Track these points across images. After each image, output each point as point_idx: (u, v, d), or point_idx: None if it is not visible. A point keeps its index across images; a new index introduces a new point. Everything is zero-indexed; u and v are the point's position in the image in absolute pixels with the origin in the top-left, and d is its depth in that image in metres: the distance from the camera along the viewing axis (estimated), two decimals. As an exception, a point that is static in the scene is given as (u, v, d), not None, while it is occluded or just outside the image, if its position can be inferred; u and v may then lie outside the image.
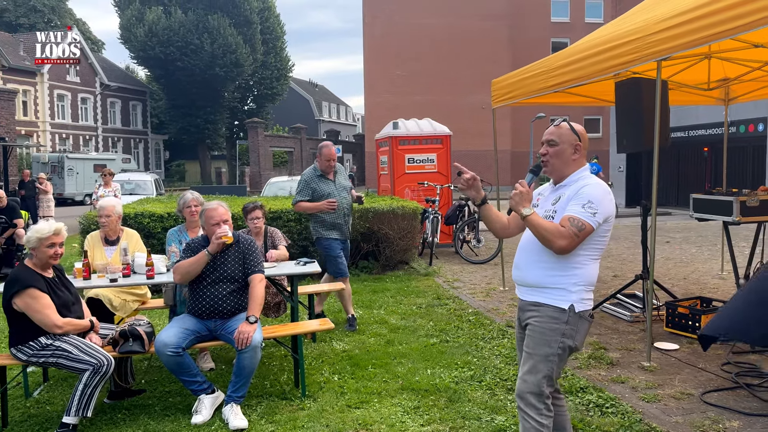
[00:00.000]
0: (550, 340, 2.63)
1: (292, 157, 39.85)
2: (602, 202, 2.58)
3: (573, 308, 2.62)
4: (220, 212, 4.08)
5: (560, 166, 2.73)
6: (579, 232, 2.54)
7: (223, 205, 4.17)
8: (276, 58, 45.92)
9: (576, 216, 2.55)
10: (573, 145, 2.71)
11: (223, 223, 4.05)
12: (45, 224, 3.84)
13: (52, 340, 3.68)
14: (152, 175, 22.93)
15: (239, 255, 4.13)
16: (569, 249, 2.56)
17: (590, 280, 2.67)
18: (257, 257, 4.19)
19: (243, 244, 4.18)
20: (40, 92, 39.30)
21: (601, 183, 2.66)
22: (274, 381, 4.53)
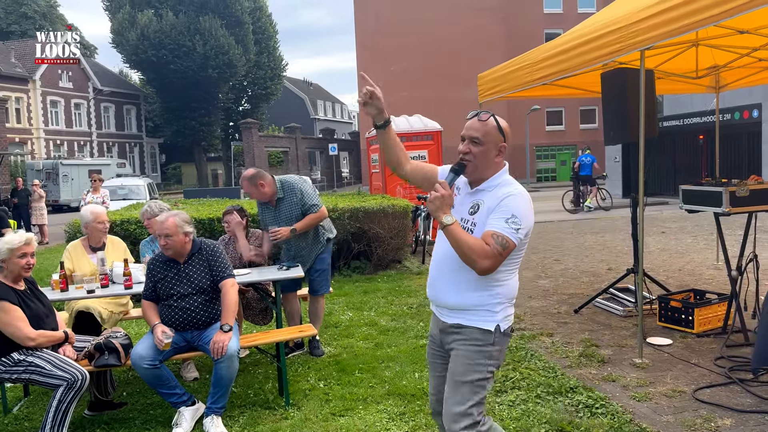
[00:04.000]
0: (478, 364, 2.41)
1: (288, 157, 39.74)
2: (525, 216, 2.33)
3: (498, 328, 2.42)
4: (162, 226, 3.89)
5: (482, 169, 2.44)
6: (503, 251, 2.28)
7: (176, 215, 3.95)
8: (269, 58, 45.79)
9: (499, 233, 2.28)
10: (497, 146, 2.44)
11: (167, 240, 3.88)
12: (15, 235, 3.74)
13: (25, 356, 3.59)
14: (145, 180, 22.82)
15: (204, 264, 4.01)
16: (493, 269, 2.30)
17: (513, 294, 2.48)
18: (224, 262, 4.05)
19: (206, 251, 4.04)
20: (32, 99, 39.17)
21: (524, 192, 2.40)
22: (258, 390, 4.43)
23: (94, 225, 4.90)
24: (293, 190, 5.00)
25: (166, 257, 4.00)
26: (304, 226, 4.98)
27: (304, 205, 4.97)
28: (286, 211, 5.01)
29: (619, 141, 5.56)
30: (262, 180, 4.96)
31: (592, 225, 13.87)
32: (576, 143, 38.06)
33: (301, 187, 5.02)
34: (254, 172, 5.04)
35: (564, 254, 9.82)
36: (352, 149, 47.36)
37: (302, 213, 5.00)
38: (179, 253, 3.96)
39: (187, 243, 3.97)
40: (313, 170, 42.33)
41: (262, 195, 4.98)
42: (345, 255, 8.55)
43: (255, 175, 4.98)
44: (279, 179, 5.07)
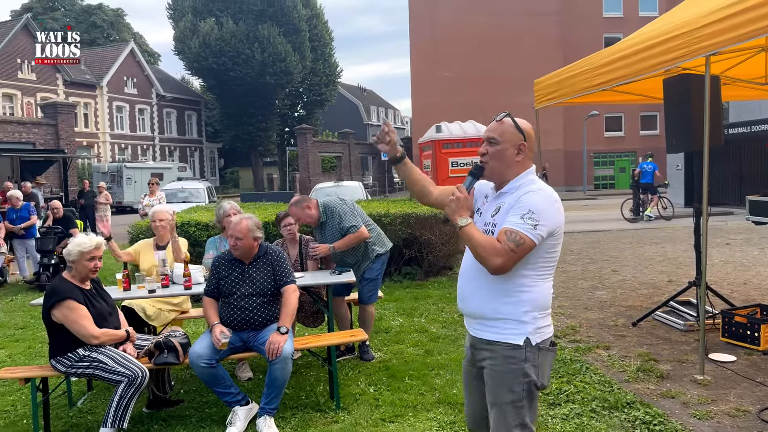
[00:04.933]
0: (512, 383, 2.26)
1: (341, 162, 40.14)
2: (546, 212, 2.20)
3: (529, 341, 2.25)
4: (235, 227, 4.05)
5: (501, 169, 2.35)
6: (516, 248, 2.15)
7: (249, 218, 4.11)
8: (324, 65, 46.42)
9: (513, 229, 2.18)
10: (516, 145, 2.32)
11: (237, 241, 4.02)
12: (86, 238, 3.92)
13: (89, 352, 3.75)
14: (205, 183, 23.48)
15: (268, 267, 4.12)
16: (506, 268, 2.18)
17: (543, 304, 2.29)
18: (287, 268, 4.17)
19: (271, 255, 4.16)
20: (99, 104, 40.99)
21: (546, 189, 2.28)
22: (310, 392, 4.49)
23: (154, 224, 5.14)
24: (333, 214, 5.13)
25: (232, 256, 4.13)
26: (342, 244, 5.07)
27: (343, 228, 5.08)
28: (329, 234, 5.15)
29: (681, 149, 5.38)
30: (308, 203, 5.14)
31: (653, 235, 13.43)
32: (636, 150, 36.98)
33: (340, 211, 5.14)
34: (299, 197, 5.26)
35: (622, 265, 9.54)
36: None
37: (342, 235, 5.10)
38: (246, 254, 4.10)
39: (255, 247, 4.11)
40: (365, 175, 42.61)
41: (309, 218, 5.13)
42: (396, 261, 8.56)
43: (300, 200, 5.17)
44: (321, 203, 5.21)
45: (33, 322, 7.16)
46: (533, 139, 2.38)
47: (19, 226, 10.02)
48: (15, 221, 10.06)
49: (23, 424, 4.14)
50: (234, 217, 4.24)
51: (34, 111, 34.30)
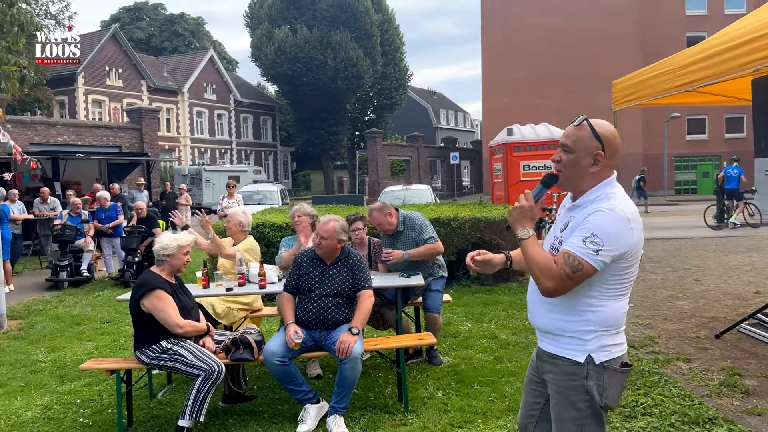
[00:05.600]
0: (574, 400, 2.14)
1: (410, 165, 40.22)
2: (613, 236, 2.01)
3: (591, 359, 2.11)
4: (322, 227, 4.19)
5: (574, 180, 2.17)
6: (572, 274, 2.01)
7: (337, 221, 4.23)
8: (395, 69, 46.69)
9: (573, 252, 2.03)
10: (592, 153, 2.13)
11: (321, 240, 4.15)
12: (179, 234, 4.15)
13: (171, 345, 3.93)
14: (278, 186, 24.13)
15: (348, 270, 4.21)
16: (558, 292, 2.05)
17: (611, 322, 2.13)
18: (365, 273, 4.27)
19: (352, 259, 4.26)
20: (181, 110, 42.93)
21: (619, 208, 2.05)
22: (378, 394, 4.53)
23: (226, 226, 5.34)
24: (414, 225, 5.26)
25: (315, 255, 4.24)
26: (417, 254, 5.14)
27: (421, 240, 5.18)
28: (402, 243, 5.25)
29: (772, 153, 5.07)
30: (390, 211, 5.30)
31: (738, 243, 12.70)
32: (720, 154, 35.08)
33: (421, 222, 5.28)
34: (380, 204, 5.42)
35: (705, 274, 9.08)
36: (474, 158, 47.00)
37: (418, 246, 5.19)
38: (329, 255, 4.23)
39: (338, 249, 4.24)
40: (434, 179, 42.49)
41: (388, 225, 5.25)
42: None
43: (383, 206, 5.34)
44: (402, 214, 5.35)
45: (118, 316, 7.57)
46: (614, 145, 2.17)
47: (107, 225, 10.62)
48: (103, 221, 10.68)
49: (108, 413, 4.39)
50: (324, 217, 4.37)
51: (120, 116, 36.33)
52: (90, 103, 37.07)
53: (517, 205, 2.16)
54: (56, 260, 10.22)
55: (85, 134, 20.56)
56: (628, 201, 2.13)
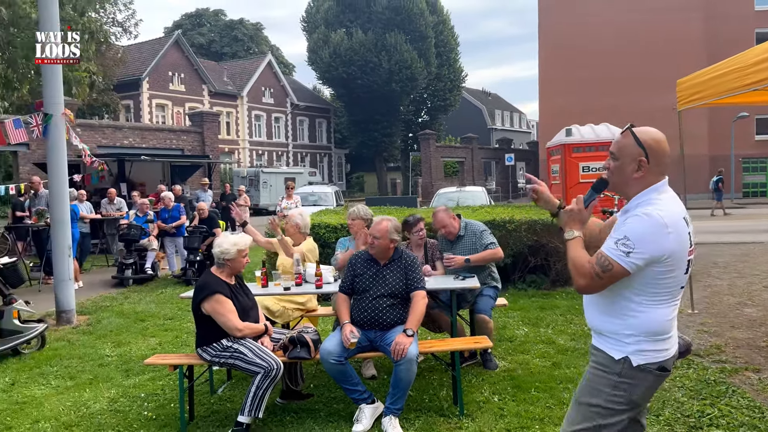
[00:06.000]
0: (599, 390, 2.25)
1: (463, 167, 39.93)
2: (645, 239, 2.10)
3: (628, 361, 2.20)
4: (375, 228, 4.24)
5: (621, 186, 2.30)
6: (602, 273, 2.13)
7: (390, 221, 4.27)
8: (449, 70, 46.48)
9: (604, 253, 2.15)
10: (636, 159, 2.22)
11: (374, 240, 4.20)
12: (238, 237, 4.26)
13: (231, 343, 4.04)
14: (333, 187, 24.42)
15: (401, 271, 4.23)
16: (589, 290, 2.20)
17: (653, 329, 2.19)
18: (419, 273, 4.27)
19: (405, 260, 4.28)
20: (240, 113, 44.03)
21: (656, 213, 2.13)
22: (433, 396, 4.51)
23: (285, 227, 5.44)
24: (474, 231, 5.32)
25: (369, 256, 4.29)
26: (479, 258, 5.17)
27: (482, 245, 5.22)
28: (460, 248, 5.29)
29: None
30: (453, 215, 5.41)
31: (813, 249, 12.01)
32: (793, 155, 33.28)
33: (482, 228, 5.36)
34: (445, 207, 5.52)
35: (776, 281, 8.64)
36: (530, 159, 46.20)
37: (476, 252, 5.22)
38: (382, 255, 4.26)
39: (391, 249, 4.26)
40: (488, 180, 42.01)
41: (452, 227, 5.31)
42: (521, 268, 8.37)
43: (447, 209, 5.45)
44: (463, 220, 5.43)
45: (180, 313, 7.82)
46: (658, 151, 2.23)
47: (171, 225, 11.00)
48: (167, 221, 11.07)
49: (171, 407, 4.54)
50: (377, 217, 4.40)
51: (182, 120, 37.57)
52: (154, 107, 38.49)
53: (567, 208, 2.32)
54: (122, 258, 10.66)
55: (149, 137, 21.37)
56: (672, 207, 2.19)
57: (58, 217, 7.74)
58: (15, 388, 5.17)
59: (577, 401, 2.34)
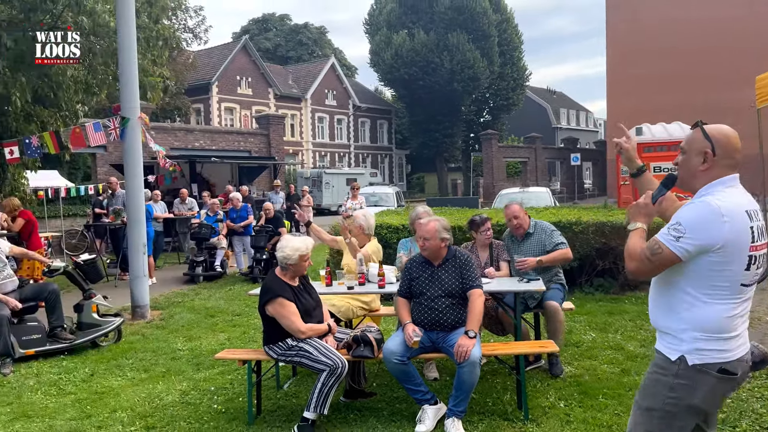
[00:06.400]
0: (655, 392, 2.23)
1: (526, 167, 39.24)
2: (697, 226, 2.09)
3: (684, 360, 2.16)
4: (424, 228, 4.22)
5: (687, 179, 2.29)
6: (652, 256, 2.15)
7: (437, 220, 4.27)
8: (513, 69, 45.78)
9: (657, 238, 2.16)
10: (701, 152, 2.22)
11: (425, 242, 4.18)
12: (300, 242, 4.32)
13: (296, 342, 4.12)
14: (394, 188, 24.52)
15: (456, 270, 4.20)
16: (638, 274, 2.23)
17: (709, 326, 2.14)
18: (474, 272, 4.22)
19: (459, 259, 4.24)
20: (304, 116, 44.89)
21: (714, 201, 2.11)
22: (497, 400, 4.46)
23: (350, 227, 5.51)
24: (545, 229, 5.24)
25: (423, 259, 4.30)
26: (550, 259, 5.09)
27: (550, 244, 5.13)
28: (527, 247, 5.20)
29: None
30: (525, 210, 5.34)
31: None
32: None
33: (551, 228, 5.27)
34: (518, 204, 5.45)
35: None
36: (597, 159, 44.86)
37: (544, 252, 5.13)
38: (435, 255, 4.24)
39: (442, 248, 4.24)
40: (552, 181, 41.10)
41: (524, 221, 5.24)
42: (588, 271, 8.15)
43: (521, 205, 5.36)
44: (533, 219, 5.35)
45: (247, 310, 8.05)
46: (726, 145, 2.22)
47: (239, 224, 11.34)
48: (235, 220, 11.41)
49: (239, 401, 4.68)
50: (423, 219, 4.40)
51: (250, 122, 38.62)
52: (223, 111, 39.74)
53: (635, 202, 2.35)
54: (193, 256, 11.07)
55: (218, 139, 22.11)
56: (734, 198, 2.15)
57: (134, 216, 8.11)
58: (94, 378, 5.46)
59: (637, 406, 2.32)
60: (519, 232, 5.25)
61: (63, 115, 10.50)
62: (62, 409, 4.68)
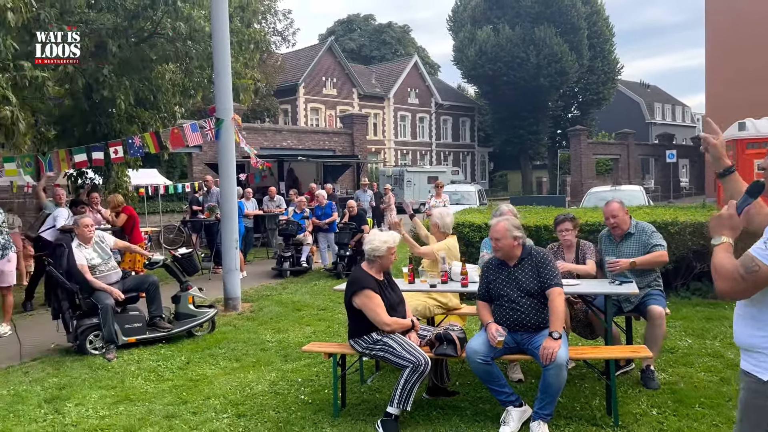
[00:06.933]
0: (753, 419, 2.05)
1: (617, 164, 37.68)
2: None
3: None
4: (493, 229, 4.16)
5: None
6: (746, 275, 1.92)
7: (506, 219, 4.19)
8: (603, 62, 44.06)
9: (750, 254, 1.93)
10: None
11: (496, 242, 4.11)
12: (387, 235, 4.40)
13: (381, 336, 4.18)
14: (476, 186, 24.25)
15: (533, 269, 4.10)
16: (732, 294, 2.01)
17: None
18: (552, 270, 4.09)
19: (535, 257, 4.14)
20: (386, 115, 45.29)
21: None
22: (585, 405, 4.33)
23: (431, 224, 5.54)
24: (645, 230, 4.95)
25: (498, 260, 4.24)
26: (644, 261, 4.82)
27: (649, 245, 4.85)
28: (626, 248, 4.94)
29: None
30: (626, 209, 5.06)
31: None
32: None
33: (652, 228, 4.97)
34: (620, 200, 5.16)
35: None
36: (695, 156, 42.43)
37: (644, 254, 4.86)
38: (509, 255, 4.17)
39: (515, 247, 4.16)
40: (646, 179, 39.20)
41: (623, 221, 4.98)
42: (684, 275, 7.72)
43: (622, 203, 5.08)
44: (633, 220, 5.08)
45: (332, 305, 8.23)
46: None
47: (324, 221, 11.61)
48: (320, 217, 11.69)
49: (324, 393, 4.80)
50: (492, 219, 4.33)
51: (334, 122, 39.41)
52: (309, 111, 40.81)
53: (716, 214, 2.16)
54: (281, 252, 11.46)
55: (305, 139, 22.71)
56: None
57: (227, 212, 8.49)
58: (189, 366, 5.76)
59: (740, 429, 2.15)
60: (617, 232, 4.99)
61: (162, 117, 11.13)
62: (160, 394, 4.98)
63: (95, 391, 5.07)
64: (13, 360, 6.10)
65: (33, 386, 5.21)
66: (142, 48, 9.78)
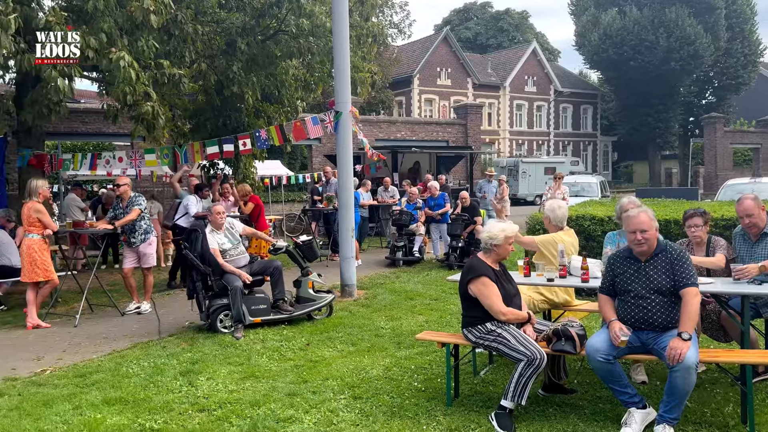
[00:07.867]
0: None
1: (758, 154, 34.37)
2: None
3: None
4: (636, 221, 3.89)
5: None
6: None
7: (647, 211, 3.94)
8: (743, 44, 40.26)
9: None
10: None
11: (639, 233, 3.85)
12: (507, 225, 4.36)
13: (496, 327, 4.15)
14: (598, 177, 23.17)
15: (666, 266, 3.85)
16: None
17: None
18: (689, 269, 3.82)
19: (671, 253, 3.88)
20: (502, 104, 44.35)
21: None
22: (716, 411, 4.04)
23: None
24: None
25: (627, 254, 4.03)
26: None
27: None
28: (765, 250, 4.51)
29: None
30: (764, 205, 4.63)
31: None
32: None
33: None
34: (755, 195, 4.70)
35: None
36: None
37: None
38: (649, 249, 3.92)
39: (656, 239, 3.94)
40: (793, 171, 35.49)
41: (760, 219, 4.56)
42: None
43: (757, 197, 4.65)
44: None
45: (444, 295, 8.25)
46: None
47: (436, 212, 11.65)
48: (433, 208, 11.75)
49: (437, 382, 4.84)
50: (631, 211, 4.07)
51: (448, 112, 39.22)
52: (423, 102, 40.89)
53: None
54: (394, 241, 11.65)
55: (418, 130, 22.85)
56: None
57: (344, 202, 8.76)
58: (309, 348, 6.04)
59: None
60: (753, 231, 4.58)
61: (285, 111, 11.68)
62: (283, 372, 5.27)
63: (224, 366, 5.45)
64: (152, 335, 6.70)
65: (170, 360, 5.70)
66: (267, 45, 10.29)
